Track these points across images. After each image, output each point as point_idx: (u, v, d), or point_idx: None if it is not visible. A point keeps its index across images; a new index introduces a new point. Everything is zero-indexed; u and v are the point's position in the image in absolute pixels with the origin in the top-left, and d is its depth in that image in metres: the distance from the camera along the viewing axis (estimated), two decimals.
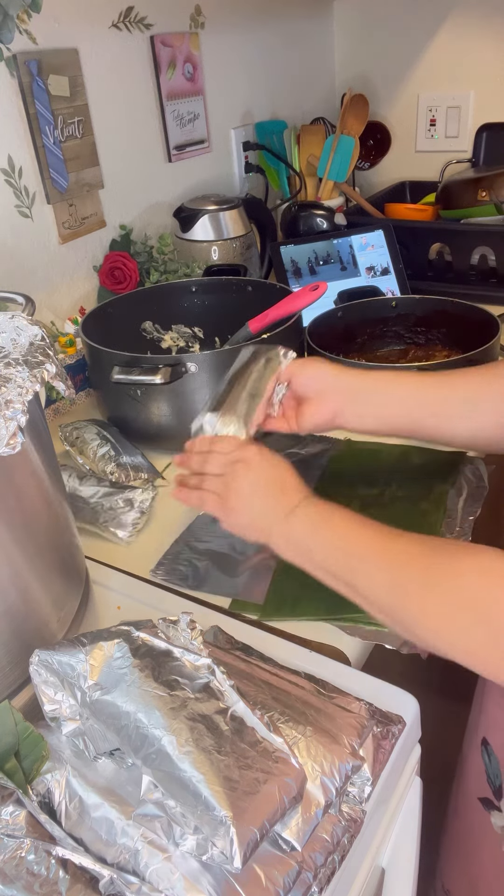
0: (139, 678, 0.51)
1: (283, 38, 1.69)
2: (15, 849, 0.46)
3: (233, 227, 1.36)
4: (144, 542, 0.86)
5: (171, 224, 1.42)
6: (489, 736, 0.79)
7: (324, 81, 1.89)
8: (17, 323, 0.60)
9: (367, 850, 0.56)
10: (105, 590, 0.76)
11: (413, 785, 0.62)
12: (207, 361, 0.94)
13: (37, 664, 0.55)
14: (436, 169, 1.70)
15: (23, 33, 1.06)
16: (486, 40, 1.68)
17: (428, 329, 1.18)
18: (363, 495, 0.89)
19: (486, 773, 0.81)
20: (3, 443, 0.51)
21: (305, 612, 0.73)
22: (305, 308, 1.01)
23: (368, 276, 1.36)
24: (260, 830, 0.44)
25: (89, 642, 0.54)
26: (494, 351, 1.00)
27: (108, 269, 1.25)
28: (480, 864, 0.85)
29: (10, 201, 1.10)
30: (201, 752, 0.46)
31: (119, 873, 0.45)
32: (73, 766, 0.52)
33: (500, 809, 0.78)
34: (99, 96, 1.21)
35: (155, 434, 1.00)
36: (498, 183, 1.42)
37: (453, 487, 0.88)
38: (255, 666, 0.60)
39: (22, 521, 0.60)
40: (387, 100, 1.86)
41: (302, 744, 0.50)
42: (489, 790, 0.80)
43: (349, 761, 0.50)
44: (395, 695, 0.60)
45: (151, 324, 1.22)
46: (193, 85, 1.42)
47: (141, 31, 1.28)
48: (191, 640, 0.55)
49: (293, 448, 1.01)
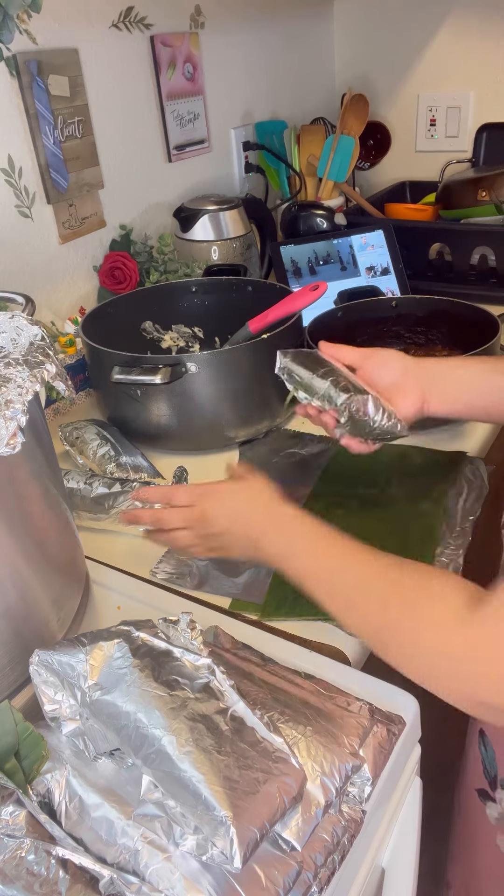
0: (139, 678, 0.51)
1: (283, 38, 1.69)
2: (15, 849, 0.46)
3: (233, 227, 1.36)
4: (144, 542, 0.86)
5: (171, 224, 1.42)
6: (486, 726, 0.79)
7: (324, 81, 1.89)
8: (17, 323, 0.60)
9: (367, 850, 0.56)
10: (105, 590, 0.76)
11: (413, 785, 0.62)
12: (207, 361, 0.94)
13: (37, 664, 0.55)
14: (436, 169, 1.70)
15: (23, 33, 1.06)
16: (486, 40, 1.68)
17: (428, 329, 1.18)
18: (362, 495, 0.89)
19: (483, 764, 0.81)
20: (3, 443, 0.51)
21: (305, 612, 0.73)
22: (305, 308, 1.01)
23: (368, 276, 1.36)
24: (260, 830, 0.44)
25: (89, 642, 0.54)
26: (494, 351, 1.00)
27: (108, 269, 1.25)
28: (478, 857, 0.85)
29: (10, 201, 1.10)
30: (201, 752, 0.46)
31: (119, 873, 0.45)
32: (73, 766, 0.52)
33: (496, 800, 0.78)
34: (99, 96, 1.21)
35: (155, 434, 1.00)
36: (498, 183, 1.42)
37: (453, 487, 0.88)
38: (255, 666, 0.60)
39: (22, 521, 0.60)
40: (387, 100, 1.86)
41: (302, 744, 0.50)
42: (485, 781, 0.80)
43: (349, 761, 0.50)
44: (395, 695, 0.60)
45: (151, 324, 1.22)
46: (193, 85, 1.42)
47: (141, 31, 1.28)
48: (191, 640, 0.55)
49: (293, 448, 1.01)
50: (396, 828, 0.60)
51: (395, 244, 1.37)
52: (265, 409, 1.02)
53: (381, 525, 0.83)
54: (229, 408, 0.98)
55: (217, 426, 0.99)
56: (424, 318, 1.18)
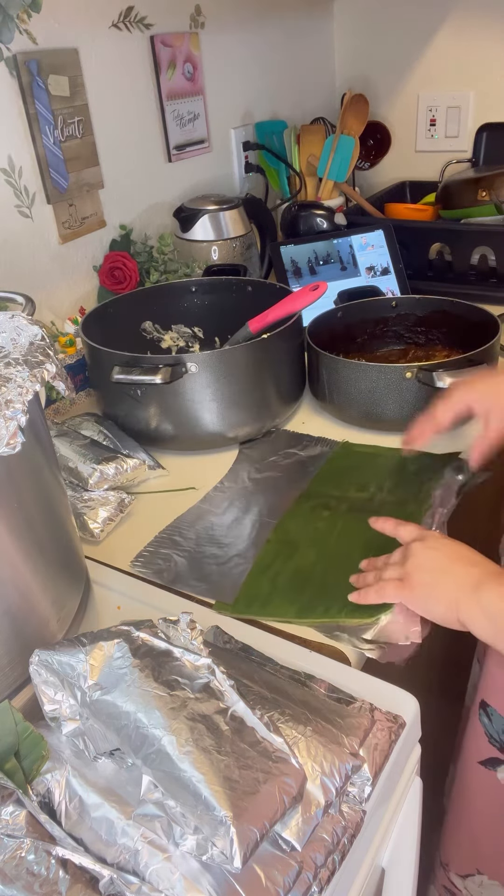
0: (139, 678, 0.51)
1: (283, 38, 1.69)
2: (15, 849, 0.46)
3: (233, 227, 1.36)
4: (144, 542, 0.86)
5: (171, 224, 1.42)
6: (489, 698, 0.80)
7: (324, 81, 1.89)
8: (17, 323, 0.60)
9: (367, 850, 0.56)
10: (105, 590, 0.76)
11: (413, 785, 0.62)
12: (208, 361, 0.94)
13: (37, 664, 0.55)
14: (436, 169, 1.70)
15: (23, 33, 1.06)
16: (486, 40, 1.68)
17: (428, 329, 1.18)
18: (353, 498, 0.89)
19: (488, 734, 0.81)
20: (3, 443, 0.51)
21: (276, 613, 0.73)
22: (305, 308, 1.01)
23: (368, 276, 1.36)
24: (260, 830, 0.44)
25: (89, 642, 0.54)
26: (494, 351, 1.00)
27: (108, 269, 1.25)
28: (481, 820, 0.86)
29: (10, 201, 1.10)
30: (201, 752, 0.46)
31: (119, 873, 0.45)
32: (73, 766, 0.52)
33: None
34: (99, 96, 1.21)
35: (155, 434, 1.00)
36: (498, 183, 1.42)
37: (438, 488, 0.88)
38: (255, 666, 0.60)
39: (22, 522, 0.60)
40: (387, 100, 1.86)
41: (302, 744, 0.50)
42: (494, 749, 0.81)
43: (349, 761, 0.50)
44: (395, 695, 0.60)
45: (151, 324, 1.21)
46: (193, 85, 1.42)
47: (141, 31, 1.28)
48: (191, 640, 0.55)
49: (292, 448, 1.01)
50: (396, 828, 0.60)
51: (395, 244, 1.37)
52: (265, 409, 1.02)
53: (365, 528, 0.81)
54: (229, 408, 0.98)
55: (217, 426, 0.99)
56: (424, 318, 1.18)
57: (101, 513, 0.86)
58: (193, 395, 0.95)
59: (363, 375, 0.99)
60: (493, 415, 0.82)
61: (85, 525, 0.85)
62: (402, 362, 1.15)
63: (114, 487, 0.91)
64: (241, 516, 0.88)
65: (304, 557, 0.80)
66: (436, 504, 0.85)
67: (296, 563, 0.79)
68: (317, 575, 0.77)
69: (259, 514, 0.88)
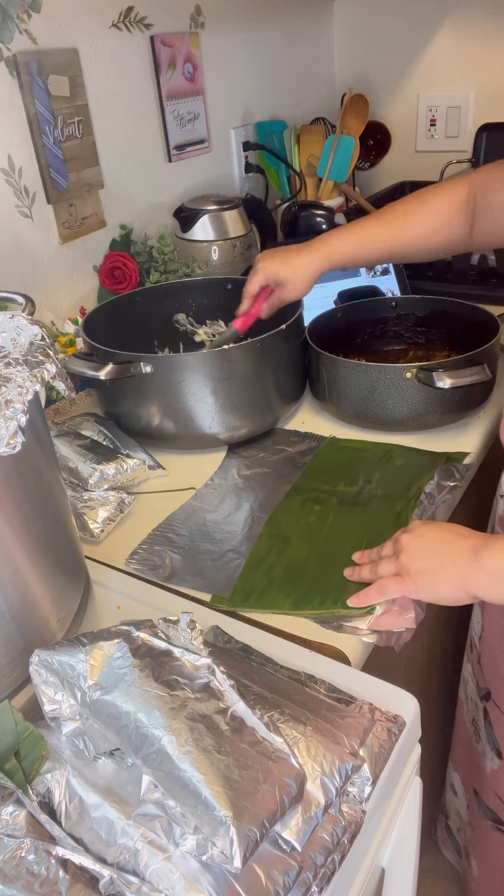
0: (139, 678, 0.51)
1: (283, 38, 1.69)
2: (15, 849, 0.46)
3: (233, 227, 1.36)
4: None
5: (171, 224, 1.42)
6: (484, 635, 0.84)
7: (324, 81, 1.89)
8: (17, 323, 0.60)
9: (367, 850, 0.56)
10: (105, 590, 0.76)
11: (413, 785, 0.62)
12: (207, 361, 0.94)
13: (37, 664, 0.55)
14: (436, 169, 1.70)
15: (23, 33, 1.06)
16: (486, 40, 1.68)
17: (428, 329, 1.18)
18: (342, 492, 0.90)
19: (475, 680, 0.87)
20: (4, 443, 0.51)
21: (272, 606, 0.74)
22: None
23: (368, 276, 1.36)
24: (260, 830, 0.44)
25: (89, 642, 0.54)
26: (494, 351, 1.00)
27: (108, 268, 1.25)
28: None
29: (10, 201, 1.10)
30: (201, 751, 0.46)
31: (119, 873, 0.45)
32: (73, 766, 0.52)
33: None
34: (99, 96, 1.21)
35: (156, 434, 1.00)
36: None
37: (429, 486, 0.89)
38: (255, 666, 0.60)
39: (22, 522, 0.60)
40: (387, 100, 1.86)
41: (302, 744, 0.50)
42: None
43: (349, 761, 0.50)
44: (395, 695, 0.60)
45: (185, 316, 1.23)
46: (193, 85, 1.42)
47: (141, 31, 1.28)
48: (191, 640, 0.55)
49: (280, 445, 1.02)
50: (396, 828, 0.60)
51: None
52: (266, 409, 1.02)
53: (356, 521, 0.84)
54: (229, 407, 0.98)
55: (217, 426, 0.99)
56: (424, 318, 1.18)
57: (101, 513, 0.86)
58: (194, 394, 0.95)
59: (363, 375, 0.99)
60: (287, 287, 0.99)
61: (85, 525, 0.85)
62: (401, 362, 1.15)
63: (114, 487, 0.91)
64: (232, 512, 0.89)
65: (297, 551, 0.81)
66: (424, 499, 0.86)
67: (289, 557, 0.80)
68: (311, 567, 0.78)
69: (251, 510, 0.89)
